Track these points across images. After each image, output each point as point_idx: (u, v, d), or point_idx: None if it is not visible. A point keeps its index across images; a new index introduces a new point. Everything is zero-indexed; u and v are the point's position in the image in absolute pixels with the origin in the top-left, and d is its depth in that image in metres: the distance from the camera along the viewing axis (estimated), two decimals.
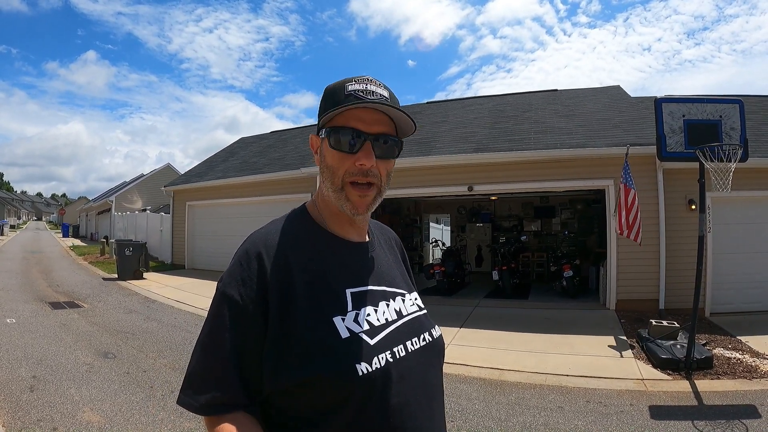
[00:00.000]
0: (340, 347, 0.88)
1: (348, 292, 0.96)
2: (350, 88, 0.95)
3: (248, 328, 0.89)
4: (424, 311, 1.09)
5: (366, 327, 0.93)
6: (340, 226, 1.04)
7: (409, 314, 1.03)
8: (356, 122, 0.94)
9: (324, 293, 0.93)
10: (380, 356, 0.90)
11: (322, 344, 0.88)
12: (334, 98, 0.96)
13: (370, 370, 0.87)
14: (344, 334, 0.90)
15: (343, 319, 0.91)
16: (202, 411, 0.88)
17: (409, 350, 0.96)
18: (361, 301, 0.96)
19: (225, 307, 0.91)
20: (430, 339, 1.03)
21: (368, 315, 0.95)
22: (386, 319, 0.97)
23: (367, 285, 1.00)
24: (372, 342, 0.91)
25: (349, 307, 0.94)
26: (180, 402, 0.91)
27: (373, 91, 0.95)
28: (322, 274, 0.96)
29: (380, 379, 0.88)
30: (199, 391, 0.89)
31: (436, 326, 1.09)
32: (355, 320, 0.92)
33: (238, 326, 0.89)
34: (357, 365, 0.87)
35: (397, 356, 0.93)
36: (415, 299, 1.10)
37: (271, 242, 0.96)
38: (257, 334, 0.89)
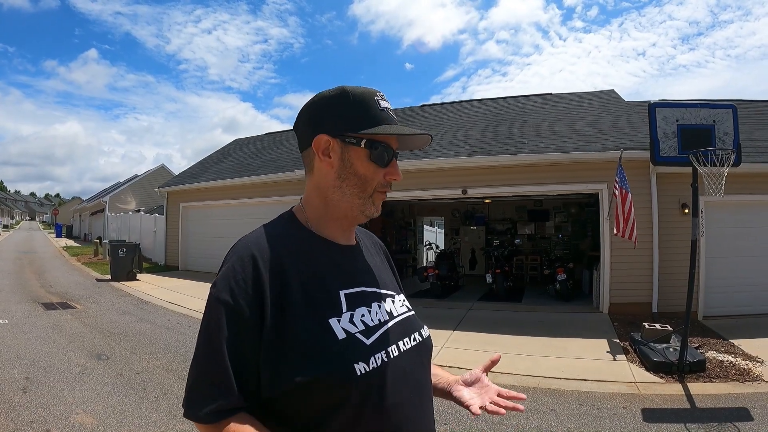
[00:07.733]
0: (337, 348, 0.89)
1: (342, 293, 0.97)
2: (382, 104, 1.01)
3: (245, 332, 0.88)
4: (413, 312, 1.11)
5: (361, 327, 0.94)
6: (330, 230, 1.05)
7: (399, 315, 1.05)
8: (390, 140, 1.02)
9: (319, 295, 0.94)
10: (376, 356, 0.91)
11: (319, 346, 0.88)
12: (370, 111, 0.99)
13: (367, 369, 0.89)
14: (341, 335, 0.91)
15: (339, 321, 0.92)
16: (204, 420, 0.87)
17: (402, 350, 0.98)
18: (354, 302, 0.97)
19: (221, 312, 0.89)
20: (420, 339, 1.05)
21: (362, 316, 0.96)
22: (379, 320, 0.98)
23: (360, 286, 1.01)
24: (368, 342, 0.93)
25: (344, 309, 0.95)
26: (185, 415, 0.89)
27: (392, 109, 1.04)
28: (316, 276, 0.96)
29: (377, 378, 0.90)
30: (201, 400, 0.87)
31: (425, 326, 1.11)
32: (351, 321, 0.94)
33: (234, 331, 0.88)
34: (355, 365, 0.88)
35: (392, 356, 0.94)
36: (404, 300, 1.12)
37: (264, 245, 0.96)
38: (254, 337, 0.88)
